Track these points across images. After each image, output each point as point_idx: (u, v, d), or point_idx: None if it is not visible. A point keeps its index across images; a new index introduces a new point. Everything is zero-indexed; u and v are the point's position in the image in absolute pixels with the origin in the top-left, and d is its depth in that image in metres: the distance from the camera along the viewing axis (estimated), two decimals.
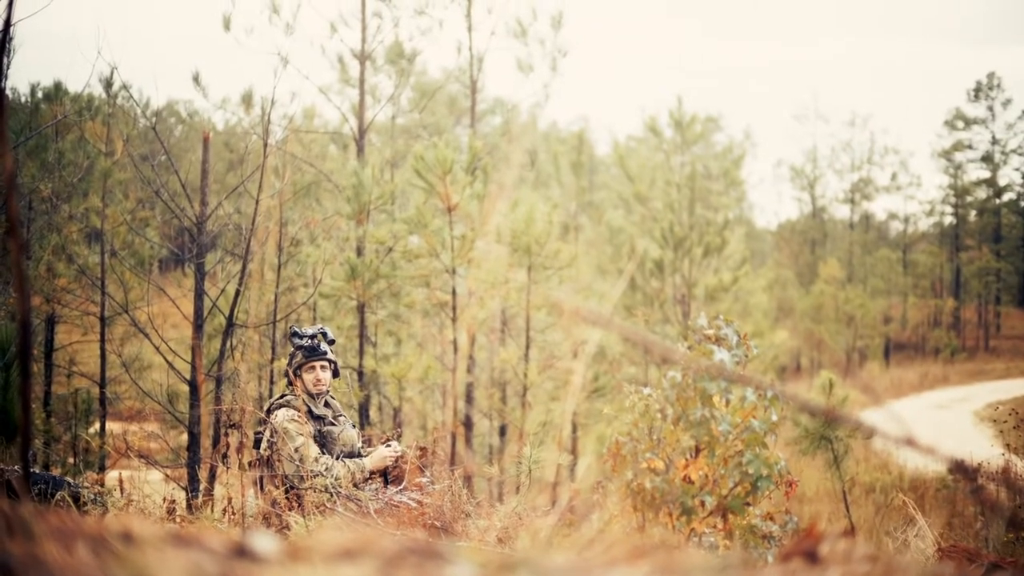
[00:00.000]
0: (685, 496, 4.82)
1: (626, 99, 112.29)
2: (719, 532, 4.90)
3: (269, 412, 7.24)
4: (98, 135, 17.56)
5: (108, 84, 17.96)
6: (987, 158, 62.02)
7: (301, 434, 6.99)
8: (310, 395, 7.29)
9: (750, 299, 31.86)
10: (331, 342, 7.43)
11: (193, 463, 11.86)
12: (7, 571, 1.62)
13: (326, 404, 7.41)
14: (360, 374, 18.16)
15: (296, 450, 6.93)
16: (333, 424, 7.30)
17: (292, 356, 7.41)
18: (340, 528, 6.06)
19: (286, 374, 7.48)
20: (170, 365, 13.35)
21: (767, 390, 4.98)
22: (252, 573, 1.72)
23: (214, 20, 17.24)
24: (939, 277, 60.73)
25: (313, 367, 7.33)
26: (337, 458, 7.12)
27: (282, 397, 7.34)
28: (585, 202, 35.18)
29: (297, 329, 7.45)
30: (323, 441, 7.15)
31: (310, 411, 7.23)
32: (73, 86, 24.89)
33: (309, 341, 7.34)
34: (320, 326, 7.51)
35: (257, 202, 13.28)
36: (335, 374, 7.49)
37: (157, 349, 13.59)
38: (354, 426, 7.51)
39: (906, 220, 63.17)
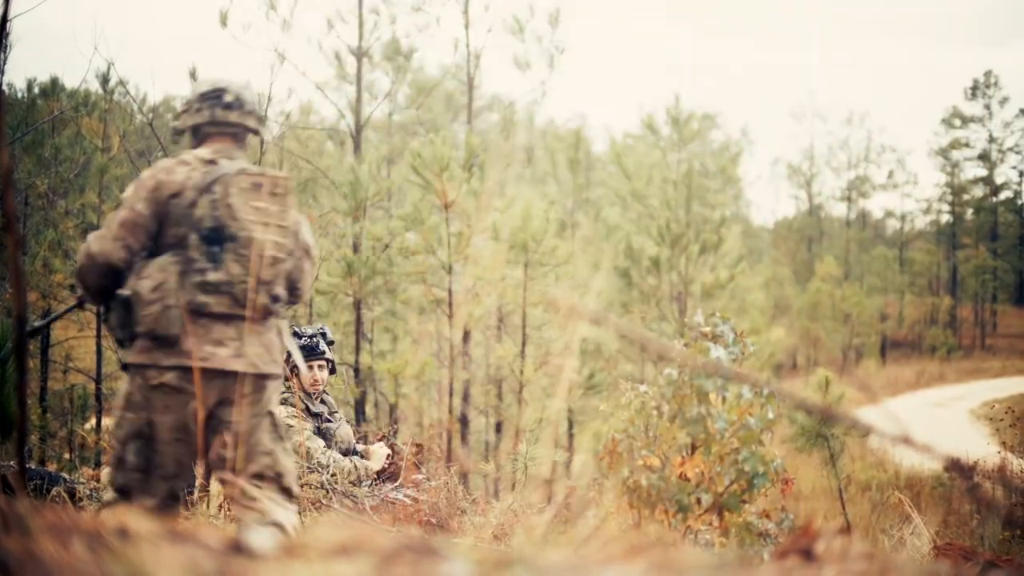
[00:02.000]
0: (681, 493, 4.83)
1: (623, 96, 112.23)
2: (715, 529, 4.91)
3: None
4: (95, 131, 17.55)
5: (105, 80, 17.93)
6: (984, 156, 62.09)
7: (306, 429, 7.02)
8: (307, 393, 7.31)
9: (747, 296, 31.87)
10: (330, 343, 7.44)
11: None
12: (4, 567, 1.62)
13: (321, 401, 7.43)
14: (356, 371, 18.17)
15: (300, 445, 6.95)
16: (330, 421, 7.32)
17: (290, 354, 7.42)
18: (336, 525, 6.07)
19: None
20: None
21: (763, 387, 4.99)
22: (248, 569, 1.72)
23: (211, 16, 17.24)
24: (936, 275, 60.82)
25: (311, 366, 7.34)
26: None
27: (280, 394, 7.34)
28: (582, 199, 35.18)
29: (297, 328, 7.47)
30: (322, 437, 7.17)
31: (307, 408, 7.25)
32: (70, 82, 24.85)
33: (308, 341, 7.36)
34: (320, 326, 7.52)
35: None
36: (332, 372, 7.51)
37: None
38: (349, 423, 7.54)
39: (903, 218, 63.26)
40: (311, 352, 7.34)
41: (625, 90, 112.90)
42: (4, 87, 18.82)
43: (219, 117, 4.72)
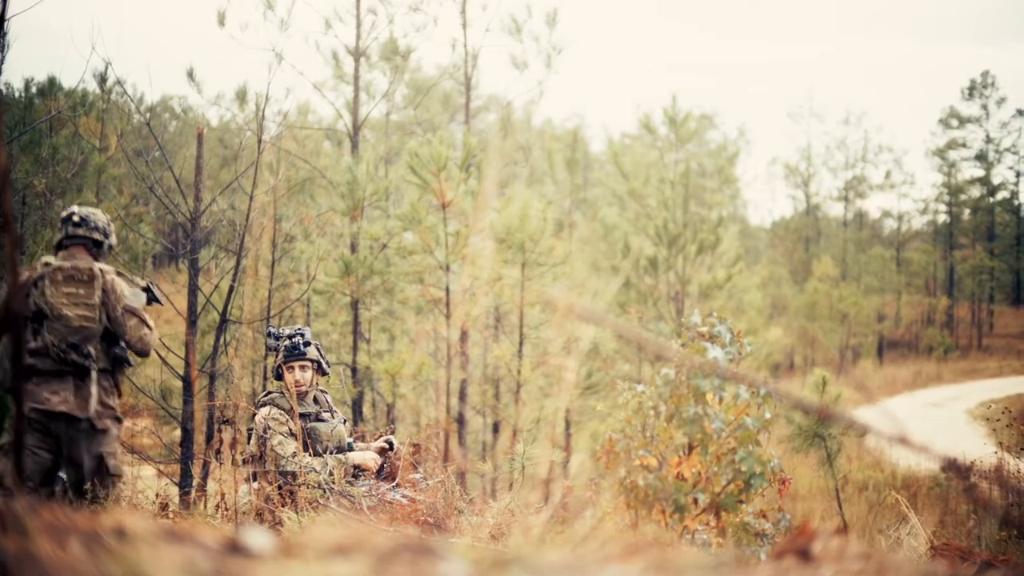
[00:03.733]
0: (678, 493, 4.83)
1: (621, 96, 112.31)
2: (712, 529, 4.91)
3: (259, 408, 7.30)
4: (92, 131, 17.56)
5: (102, 79, 17.94)
6: (981, 156, 62.05)
7: (280, 432, 7.05)
8: (297, 393, 7.34)
9: (744, 297, 31.85)
10: (307, 343, 7.47)
11: (186, 459, 11.85)
12: (2, 567, 1.62)
13: (315, 400, 7.44)
14: (354, 370, 18.16)
15: (271, 448, 6.98)
16: (320, 420, 7.33)
17: (277, 355, 7.46)
18: (333, 524, 6.07)
19: (275, 371, 7.52)
20: (163, 361, 13.33)
21: (760, 388, 4.99)
22: (245, 569, 1.73)
23: (209, 16, 17.25)
24: (933, 275, 60.79)
25: (292, 367, 7.39)
26: (325, 452, 7.16)
27: (268, 395, 7.38)
28: (579, 199, 35.21)
29: (272, 329, 7.54)
30: (308, 437, 7.19)
31: (311, 399, 7.32)
32: (67, 81, 24.86)
33: (288, 341, 7.40)
34: (298, 327, 7.58)
35: (251, 198, 13.27)
36: (322, 372, 7.54)
37: None
38: (345, 421, 7.55)
39: (900, 218, 63.21)
40: (291, 353, 7.39)
41: (622, 90, 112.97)
42: (2, 86, 18.79)
43: (70, 232, 6.87)
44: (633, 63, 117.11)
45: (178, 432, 14.40)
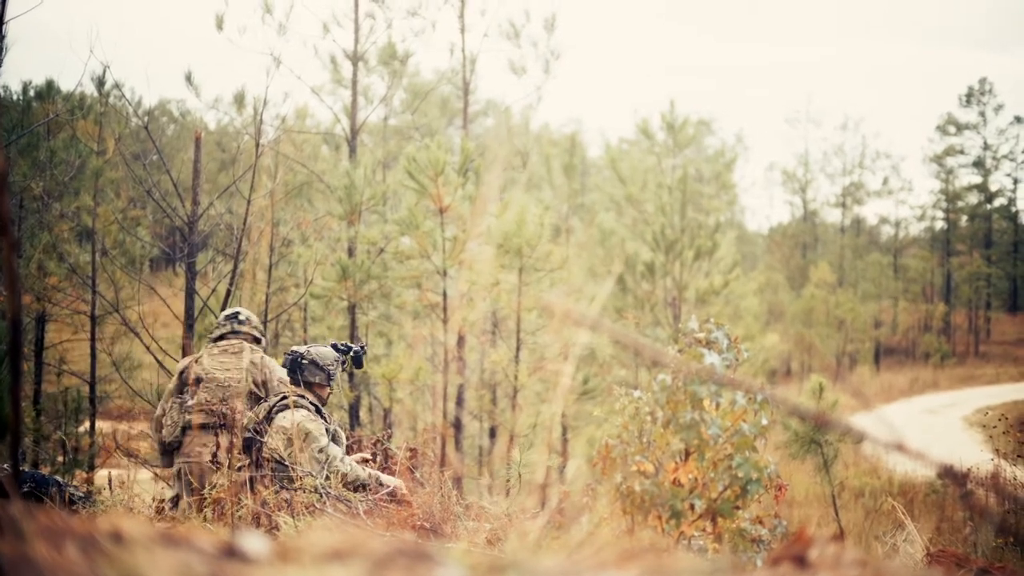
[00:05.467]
0: (674, 499, 4.83)
1: (619, 101, 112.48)
2: (708, 535, 4.90)
3: (270, 415, 7.31)
4: (90, 134, 17.52)
5: (100, 83, 17.88)
6: (978, 163, 62.10)
7: (323, 434, 7.15)
8: (321, 401, 7.56)
9: (741, 303, 31.85)
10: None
11: None
12: None
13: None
14: (350, 375, 18.15)
15: (321, 450, 7.06)
16: (328, 422, 7.45)
17: (325, 371, 7.61)
18: (329, 529, 6.06)
19: (299, 376, 7.58)
20: (160, 364, 13.34)
21: (757, 394, 4.98)
22: (242, 573, 1.73)
23: (207, 19, 17.24)
24: (930, 282, 60.79)
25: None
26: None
27: (284, 398, 7.39)
28: (577, 204, 35.18)
29: (338, 344, 8.04)
30: (334, 439, 7.34)
31: (319, 411, 7.41)
32: (65, 84, 24.83)
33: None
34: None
35: (249, 202, 13.27)
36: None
37: (147, 348, 13.58)
38: (342, 427, 7.69)
39: (897, 225, 63.27)
40: (332, 377, 7.77)
41: (620, 95, 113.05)
42: (0, 89, 18.79)
43: (235, 328, 8.29)
44: (632, 67, 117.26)
45: None
